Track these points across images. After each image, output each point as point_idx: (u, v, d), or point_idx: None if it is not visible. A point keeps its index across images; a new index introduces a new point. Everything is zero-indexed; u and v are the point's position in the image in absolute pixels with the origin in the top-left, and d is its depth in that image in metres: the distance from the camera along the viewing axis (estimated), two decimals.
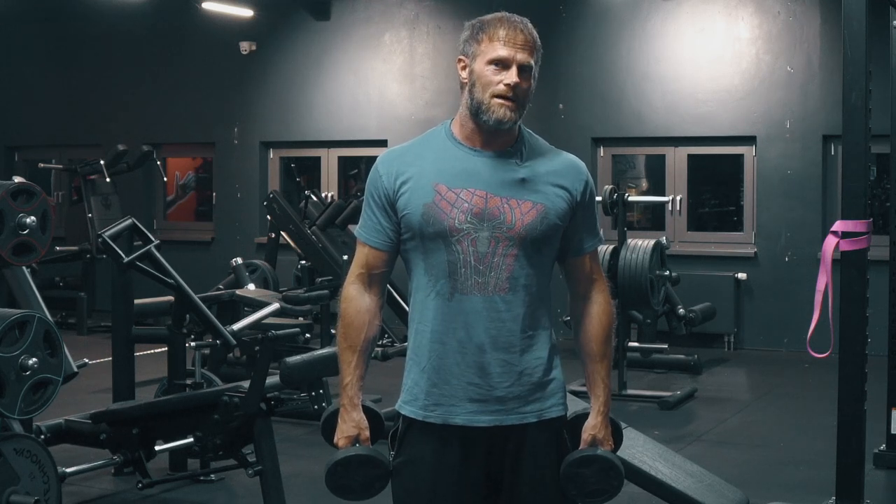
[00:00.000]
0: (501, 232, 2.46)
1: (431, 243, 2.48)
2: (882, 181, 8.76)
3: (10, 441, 4.09)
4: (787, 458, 6.02)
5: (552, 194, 2.50)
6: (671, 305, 8.43)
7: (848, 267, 4.49)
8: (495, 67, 2.46)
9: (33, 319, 4.06)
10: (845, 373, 4.51)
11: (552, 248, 2.54)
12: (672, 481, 4.28)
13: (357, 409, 2.60)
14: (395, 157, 2.56)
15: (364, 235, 2.58)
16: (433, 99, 10.92)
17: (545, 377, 2.53)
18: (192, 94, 12.09)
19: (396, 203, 2.51)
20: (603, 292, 2.60)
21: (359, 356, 2.58)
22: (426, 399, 2.52)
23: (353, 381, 2.59)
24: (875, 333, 5.17)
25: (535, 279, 2.50)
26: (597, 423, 2.55)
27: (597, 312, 2.58)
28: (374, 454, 2.57)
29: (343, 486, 2.66)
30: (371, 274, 2.59)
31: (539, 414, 2.52)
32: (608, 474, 2.52)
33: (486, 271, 2.46)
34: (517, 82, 2.45)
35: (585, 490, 2.53)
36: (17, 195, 4.39)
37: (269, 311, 7.20)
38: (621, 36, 10.17)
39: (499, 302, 2.47)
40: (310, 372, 4.67)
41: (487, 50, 2.46)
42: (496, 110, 2.45)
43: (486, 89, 2.46)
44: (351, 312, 2.58)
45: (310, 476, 5.65)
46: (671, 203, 10.11)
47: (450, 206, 2.46)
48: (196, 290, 5.93)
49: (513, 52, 2.45)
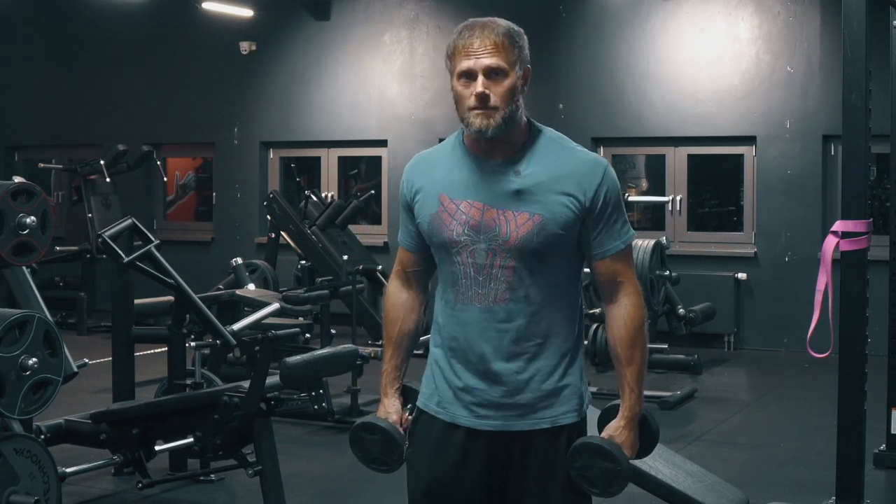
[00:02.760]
0: (497, 244, 2.46)
1: (437, 253, 2.56)
2: (882, 181, 8.76)
3: (10, 441, 4.09)
4: (787, 458, 6.02)
5: (554, 203, 2.45)
6: (671, 305, 8.43)
7: (848, 267, 4.49)
8: (464, 80, 2.47)
9: (33, 319, 4.06)
10: (845, 373, 4.51)
11: (559, 255, 2.50)
12: (672, 481, 4.28)
13: (389, 396, 2.67)
14: (414, 165, 2.65)
15: (399, 236, 2.69)
16: (433, 99, 10.92)
17: (557, 384, 2.52)
18: (192, 94, 12.09)
19: (413, 209, 2.59)
20: (630, 295, 2.53)
21: (394, 348, 2.68)
22: (438, 396, 2.57)
23: (387, 371, 2.67)
24: (875, 333, 5.17)
25: (540, 288, 2.48)
26: (618, 426, 2.52)
27: (622, 316, 2.53)
28: (372, 419, 2.63)
29: (371, 460, 2.66)
30: (407, 272, 2.69)
31: (552, 420, 2.51)
32: (599, 460, 2.46)
33: (486, 282, 2.47)
34: (482, 91, 2.43)
35: (591, 479, 2.49)
36: (17, 195, 4.38)
37: (269, 311, 7.20)
38: (621, 36, 10.17)
39: (500, 312, 2.47)
40: (310, 372, 4.66)
41: (455, 65, 2.48)
42: (473, 122, 2.46)
43: (461, 104, 2.48)
44: (388, 307, 2.71)
45: (310, 476, 5.66)
46: (671, 203, 10.12)
47: (450, 218, 2.49)
48: (196, 290, 5.92)
49: (472, 60, 2.44)
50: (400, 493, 2.66)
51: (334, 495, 5.41)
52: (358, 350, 5.30)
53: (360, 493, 5.32)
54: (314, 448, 6.25)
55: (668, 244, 8.70)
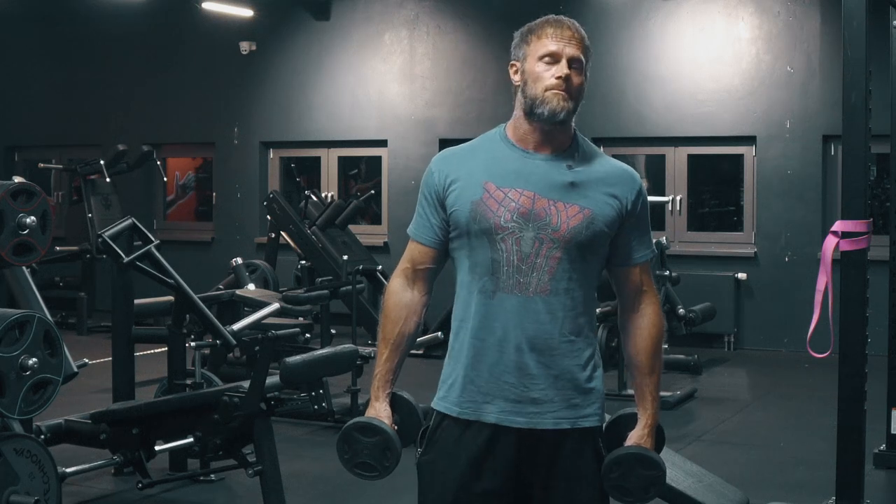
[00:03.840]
0: (546, 234, 2.45)
1: (477, 240, 2.50)
2: (882, 181, 8.76)
3: (10, 441, 4.09)
4: (787, 458, 6.02)
5: (601, 201, 2.49)
6: (671, 305, 8.43)
7: (848, 267, 4.49)
8: (546, 63, 2.49)
9: (33, 319, 4.06)
10: (845, 373, 4.50)
11: (598, 255, 2.52)
12: (672, 481, 4.28)
13: (380, 400, 2.60)
14: (449, 156, 2.60)
15: (413, 231, 2.61)
16: (433, 99, 10.92)
17: (585, 384, 2.52)
18: (192, 94, 12.09)
19: (446, 200, 2.53)
20: (652, 304, 2.58)
21: (391, 350, 2.60)
22: (461, 395, 2.52)
23: (382, 373, 2.60)
24: (875, 333, 5.17)
25: (578, 285, 2.49)
26: (642, 435, 2.54)
27: (646, 325, 2.56)
28: (372, 420, 2.56)
29: (357, 464, 2.59)
30: (416, 269, 2.61)
31: (574, 421, 2.50)
32: (639, 469, 2.49)
33: (529, 271, 2.46)
34: (568, 73, 2.47)
35: (628, 488, 2.50)
36: (17, 195, 4.38)
37: (269, 311, 7.20)
38: (621, 36, 10.17)
39: (539, 303, 2.46)
40: (310, 372, 4.66)
41: (537, 48, 2.50)
42: (550, 100, 2.46)
43: (539, 83, 2.48)
44: (389, 306, 2.62)
45: (310, 476, 5.66)
46: (671, 203, 10.12)
47: (497, 205, 2.47)
48: (196, 290, 5.93)
49: (561, 45, 2.49)
50: (400, 494, 2.66)
51: (334, 495, 5.40)
52: (358, 350, 5.30)
53: (361, 494, 5.31)
54: (314, 448, 6.25)
55: (668, 244, 8.70)
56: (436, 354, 8.33)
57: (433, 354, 8.31)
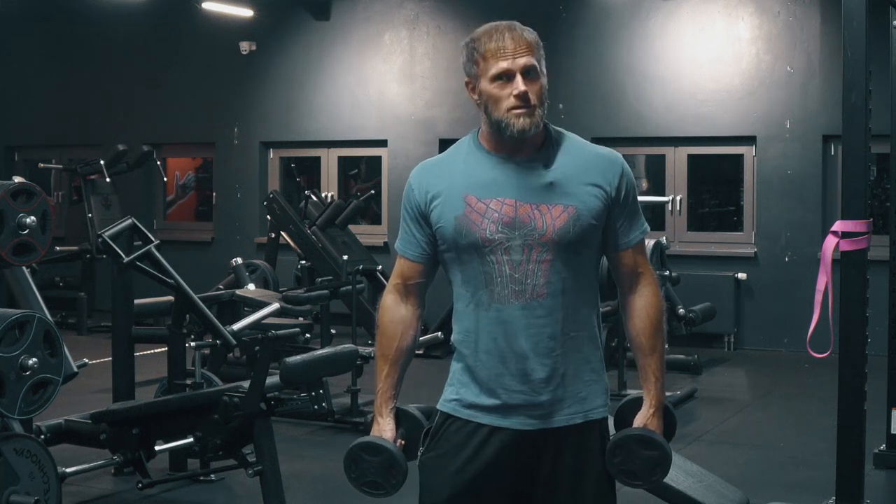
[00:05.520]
0: (534, 239, 2.44)
1: (466, 255, 2.49)
2: (882, 181, 8.75)
3: (10, 441, 4.09)
4: (787, 458, 6.02)
5: (585, 194, 2.47)
6: (671, 305, 8.43)
7: (848, 267, 4.49)
8: (501, 82, 2.44)
9: (33, 319, 4.06)
10: (845, 373, 4.50)
11: (591, 248, 2.51)
12: (672, 481, 4.27)
13: (384, 417, 2.59)
14: (427, 170, 2.57)
15: (400, 247, 2.61)
16: (433, 99, 10.92)
17: (590, 377, 2.52)
18: (192, 94, 12.09)
19: (430, 216, 2.52)
20: (650, 285, 2.57)
21: (391, 366, 2.60)
22: (467, 400, 2.51)
23: (384, 389, 2.60)
24: (875, 333, 5.16)
25: (575, 281, 2.48)
26: (647, 415, 2.53)
27: (644, 306, 2.56)
28: (374, 439, 2.56)
29: (364, 483, 2.61)
30: (407, 284, 2.61)
31: (585, 415, 2.51)
32: (641, 450, 2.49)
33: (523, 279, 2.45)
34: (524, 90, 2.43)
35: (633, 471, 2.49)
36: (17, 195, 4.38)
37: (269, 311, 7.20)
38: (621, 36, 10.17)
39: (537, 308, 2.45)
40: (310, 372, 4.67)
41: (487, 68, 2.45)
42: (515, 122, 2.43)
43: (499, 105, 2.44)
44: (385, 322, 2.61)
45: (310, 476, 5.66)
46: (671, 203, 10.12)
47: (480, 218, 2.45)
48: (196, 290, 5.93)
49: (509, 61, 2.43)
50: (402, 495, 2.65)
51: (334, 495, 5.40)
52: (358, 350, 5.30)
53: (360, 494, 5.30)
54: (314, 448, 6.25)
55: (668, 244, 8.70)
56: (436, 354, 8.35)
57: (433, 354, 8.32)
